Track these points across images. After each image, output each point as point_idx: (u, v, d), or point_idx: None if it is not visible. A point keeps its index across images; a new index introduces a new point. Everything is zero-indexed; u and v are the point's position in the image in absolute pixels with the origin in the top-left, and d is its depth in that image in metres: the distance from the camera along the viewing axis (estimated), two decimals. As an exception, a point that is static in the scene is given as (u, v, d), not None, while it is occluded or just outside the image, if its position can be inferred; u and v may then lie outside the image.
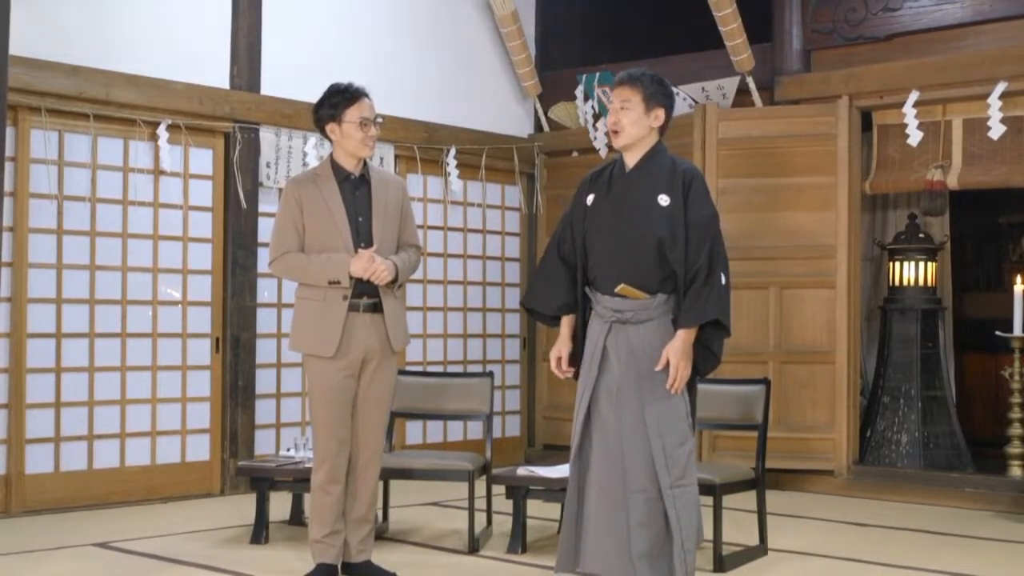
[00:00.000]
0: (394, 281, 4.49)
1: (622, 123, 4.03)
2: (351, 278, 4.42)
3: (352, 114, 4.49)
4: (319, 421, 4.52)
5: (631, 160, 4.09)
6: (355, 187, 4.55)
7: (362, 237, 4.50)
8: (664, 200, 3.98)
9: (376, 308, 4.51)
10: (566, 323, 4.21)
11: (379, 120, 4.58)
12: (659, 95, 4.06)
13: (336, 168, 4.56)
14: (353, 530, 4.61)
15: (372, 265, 4.41)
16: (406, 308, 4.76)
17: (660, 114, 4.06)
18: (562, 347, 4.20)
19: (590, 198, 4.12)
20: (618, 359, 4.00)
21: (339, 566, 4.61)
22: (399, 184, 4.75)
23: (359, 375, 4.53)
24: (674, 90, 7.65)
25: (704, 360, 4.03)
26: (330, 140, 4.58)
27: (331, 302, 4.45)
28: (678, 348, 3.92)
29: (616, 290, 3.99)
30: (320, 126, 4.57)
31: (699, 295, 3.92)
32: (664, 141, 4.15)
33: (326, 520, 4.53)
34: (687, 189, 3.99)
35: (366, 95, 4.55)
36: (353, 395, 4.53)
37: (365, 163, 4.61)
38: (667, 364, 3.93)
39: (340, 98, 4.51)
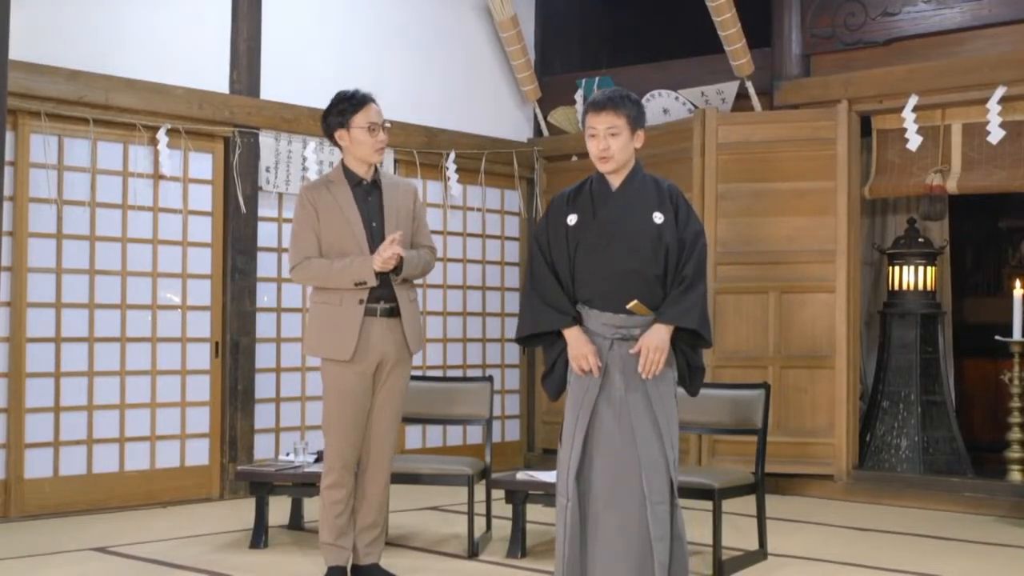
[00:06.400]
0: (397, 271, 4.46)
1: (612, 149, 3.99)
2: (376, 275, 4.41)
3: (360, 120, 4.48)
4: (332, 425, 4.50)
5: (616, 180, 4.06)
6: (367, 192, 4.55)
7: (376, 242, 4.48)
8: (659, 217, 4.00)
9: (393, 312, 4.50)
10: (577, 330, 3.99)
11: (387, 125, 4.57)
12: (640, 117, 4.06)
13: (348, 174, 4.56)
14: (361, 533, 4.61)
15: (387, 249, 4.37)
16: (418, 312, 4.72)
17: (641, 135, 4.06)
18: (588, 347, 3.97)
19: (572, 218, 4.05)
20: (622, 373, 3.98)
21: (348, 568, 4.61)
22: (411, 188, 4.74)
23: (373, 379, 4.52)
24: (672, 95, 7.75)
25: (692, 378, 4.07)
26: (340, 147, 4.57)
27: (348, 306, 4.44)
28: (653, 338, 3.91)
29: (628, 306, 3.97)
30: (329, 133, 4.56)
31: (682, 299, 3.95)
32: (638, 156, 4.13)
33: (336, 523, 4.54)
34: (676, 206, 4.04)
35: (373, 100, 4.54)
36: (368, 399, 4.51)
37: (376, 168, 4.61)
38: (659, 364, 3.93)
39: (347, 104, 4.50)
